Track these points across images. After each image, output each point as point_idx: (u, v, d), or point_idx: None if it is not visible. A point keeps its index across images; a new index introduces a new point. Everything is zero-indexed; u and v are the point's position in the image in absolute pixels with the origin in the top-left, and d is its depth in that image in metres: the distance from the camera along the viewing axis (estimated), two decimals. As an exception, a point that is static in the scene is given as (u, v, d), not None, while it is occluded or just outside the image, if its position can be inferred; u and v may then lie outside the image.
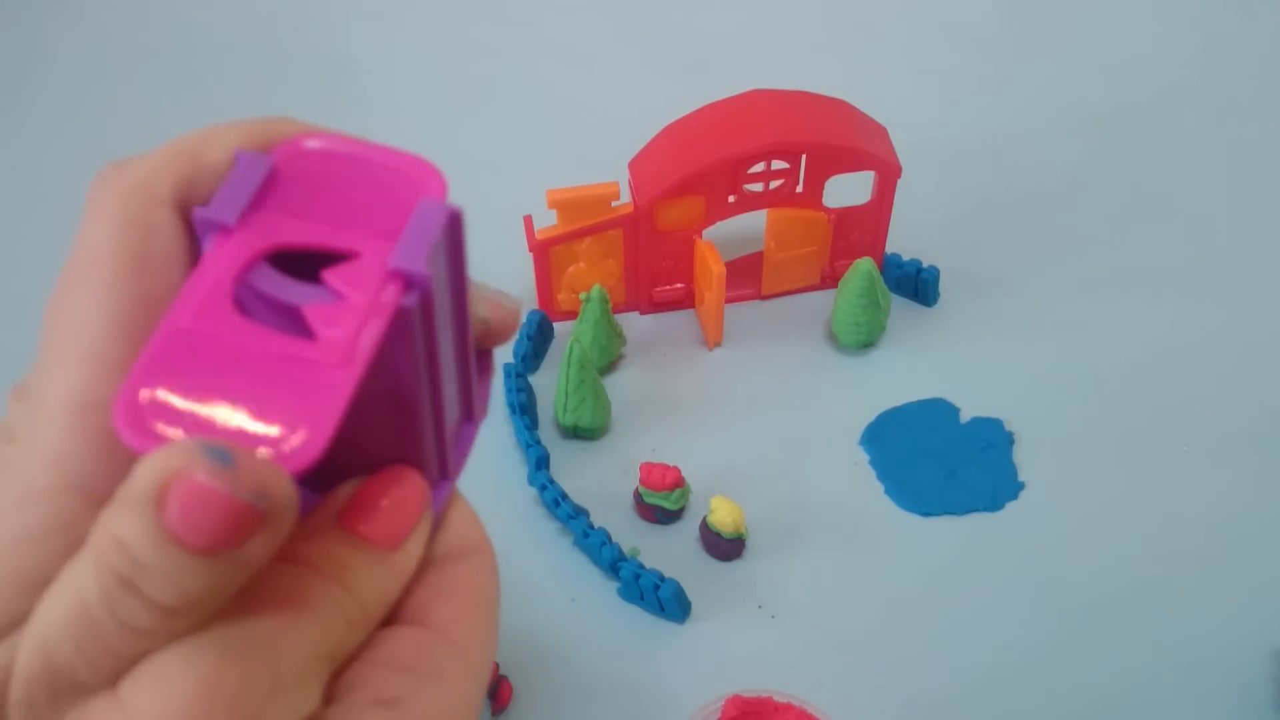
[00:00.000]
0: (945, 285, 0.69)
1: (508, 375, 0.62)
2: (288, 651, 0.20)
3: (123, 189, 0.22)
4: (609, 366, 0.65)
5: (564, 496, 0.57)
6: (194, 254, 0.23)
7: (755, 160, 0.62)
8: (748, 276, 0.68)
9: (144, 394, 0.19)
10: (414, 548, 0.23)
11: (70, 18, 0.95)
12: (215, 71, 0.89)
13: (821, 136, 0.62)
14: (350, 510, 0.23)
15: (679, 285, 0.68)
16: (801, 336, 0.67)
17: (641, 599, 0.54)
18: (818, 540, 0.57)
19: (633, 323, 0.68)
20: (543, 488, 0.58)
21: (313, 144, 0.23)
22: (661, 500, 0.57)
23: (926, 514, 0.58)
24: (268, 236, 0.21)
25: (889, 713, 0.51)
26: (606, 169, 0.65)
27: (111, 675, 0.20)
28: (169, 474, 0.18)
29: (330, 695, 0.22)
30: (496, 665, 0.52)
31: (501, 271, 0.69)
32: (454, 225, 0.23)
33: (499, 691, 0.51)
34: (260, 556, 0.19)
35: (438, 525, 0.25)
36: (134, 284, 0.22)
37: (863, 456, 0.61)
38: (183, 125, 0.25)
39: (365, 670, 0.22)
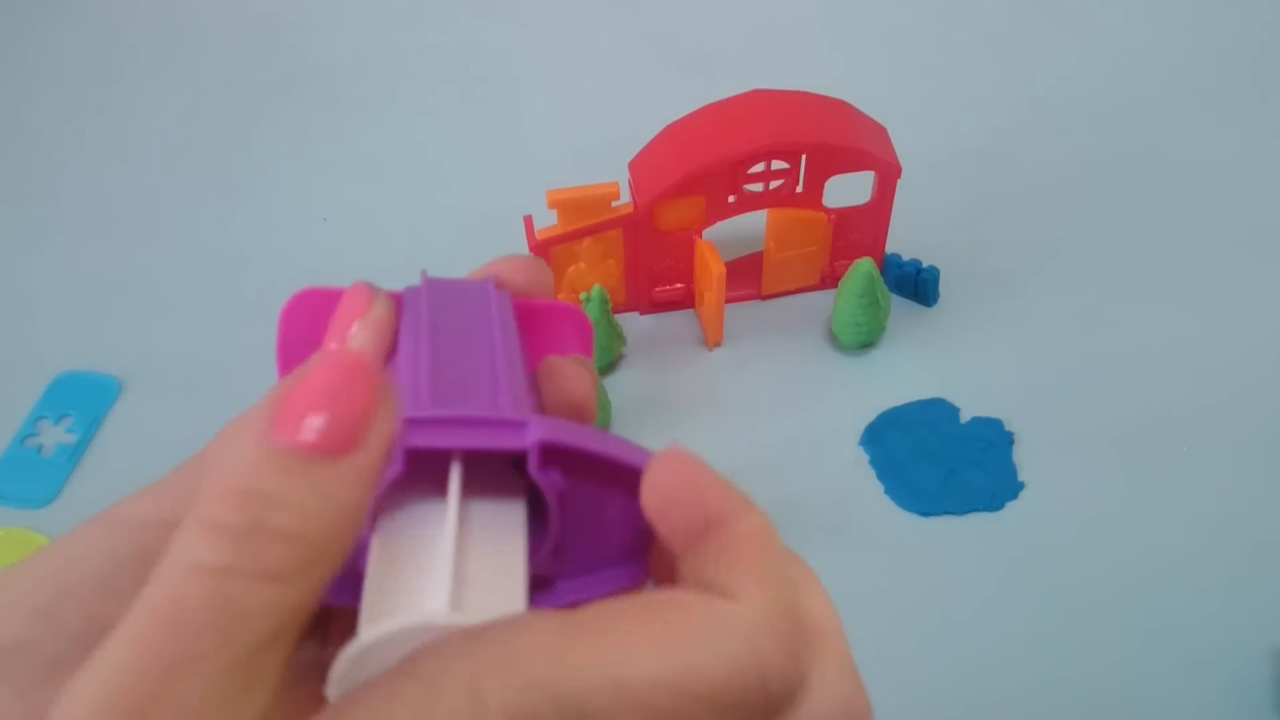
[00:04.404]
0: (945, 285, 0.69)
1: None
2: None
3: None
4: (609, 366, 0.65)
5: (564, 496, 0.57)
6: None
7: (755, 160, 0.62)
8: (748, 276, 0.68)
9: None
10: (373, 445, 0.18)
11: (70, 17, 0.95)
12: (215, 71, 0.89)
13: (821, 136, 0.62)
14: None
15: (679, 285, 0.68)
16: (801, 336, 0.67)
17: (641, 599, 0.54)
18: (818, 540, 0.57)
19: (633, 323, 0.68)
20: (543, 488, 0.58)
21: None
22: (661, 500, 0.57)
23: (926, 514, 0.58)
24: None
25: (889, 713, 0.51)
26: (606, 169, 0.65)
27: None
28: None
29: None
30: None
31: (501, 271, 0.70)
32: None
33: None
34: None
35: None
36: None
37: (863, 456, 0.61)
38: (183, 125, 0.25)
39: None
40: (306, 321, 0.25)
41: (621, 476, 0.22)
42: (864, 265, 0.62)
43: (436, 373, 0.23)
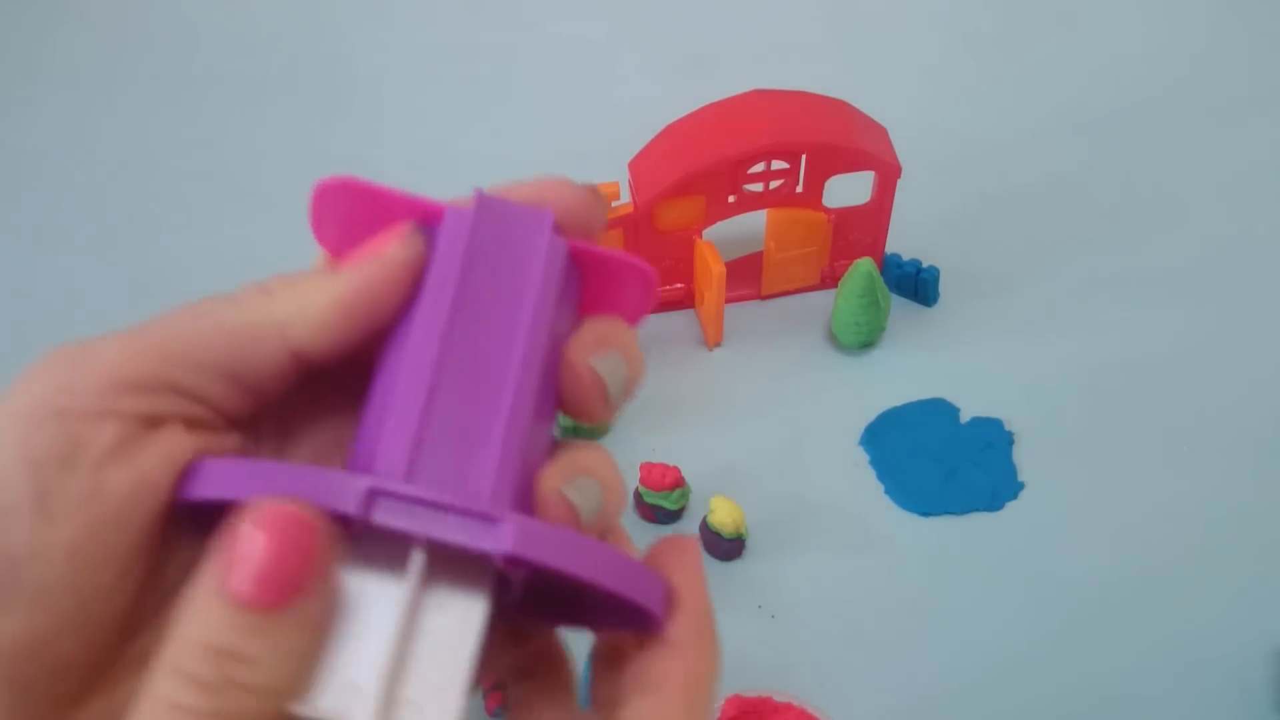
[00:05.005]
0: (945, 285, 0.69)
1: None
2: None
3: None
4: (609, 366, 0.65)
5: (564, 496, 0.57)
6: None
7: (755, 160, 0.62)
8: (748, 276, 0.68)
9: None
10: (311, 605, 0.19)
11: (70, 17, 0.95)
12: (215, 71, 0.89)
13: (821, 136, 0.62)
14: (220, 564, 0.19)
15: (679, 285, 0.68)
16: (801, 336, 0.67)
17: (641, 599, 0.54)
18: (818, 540, 0.57)
19: (633, 323, 0.68)
20: (543, 488, 0.58)
21: None
22: (661, 500, 0.57)
23: (926, 514, 0.58)
24: None
25: (889, 713, 0.51)
26: (606, 169, 0.65)
27: None
28: None
29: None
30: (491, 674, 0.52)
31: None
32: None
33: (490, 696, 0.50)
34: None
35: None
36: None
37: (863, 456, 0.61)
38: (182, 126, 0.25)
39: None
40: (340, 210, 0.25)
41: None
42: (864, 265, 0.62)
43: (429, 409, 0.22)
